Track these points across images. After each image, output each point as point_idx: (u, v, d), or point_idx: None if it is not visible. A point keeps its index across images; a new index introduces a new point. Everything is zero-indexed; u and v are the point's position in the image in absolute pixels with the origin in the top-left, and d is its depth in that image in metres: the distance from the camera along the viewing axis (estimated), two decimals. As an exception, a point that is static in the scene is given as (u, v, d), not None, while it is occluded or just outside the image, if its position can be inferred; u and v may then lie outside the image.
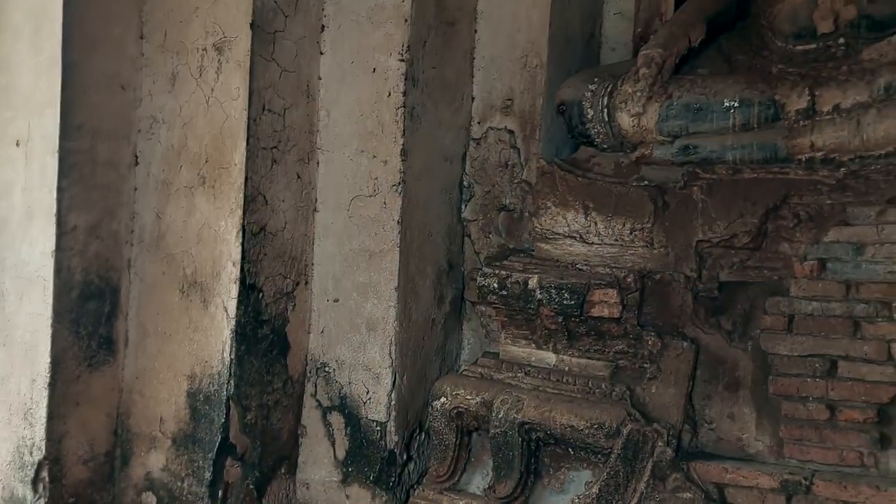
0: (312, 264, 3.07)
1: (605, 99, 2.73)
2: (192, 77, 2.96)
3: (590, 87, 2.81)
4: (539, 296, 2.60)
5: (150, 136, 3.04)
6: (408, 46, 2.94)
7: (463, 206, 3.25)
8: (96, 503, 2.84)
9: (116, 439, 2.94)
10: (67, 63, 2.86)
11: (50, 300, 2.82)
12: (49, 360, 2.75)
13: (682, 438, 2.51)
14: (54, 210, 2.84)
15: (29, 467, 2.74)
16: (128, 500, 2.86)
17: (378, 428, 2.90)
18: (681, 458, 2.46)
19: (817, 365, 2.45)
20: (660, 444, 2.39)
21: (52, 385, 2.74)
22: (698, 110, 2.58)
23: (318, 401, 3.01)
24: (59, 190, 2.84)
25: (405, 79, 2.94)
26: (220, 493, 2.73)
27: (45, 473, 2.70)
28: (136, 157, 3.07)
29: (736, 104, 2.53)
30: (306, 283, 3.06)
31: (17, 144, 2.97)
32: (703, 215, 2.59)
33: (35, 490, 2.70)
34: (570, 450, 2.57)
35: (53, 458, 2.71)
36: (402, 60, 2.94)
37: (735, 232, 2.56)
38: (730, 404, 2.55)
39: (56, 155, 2.84)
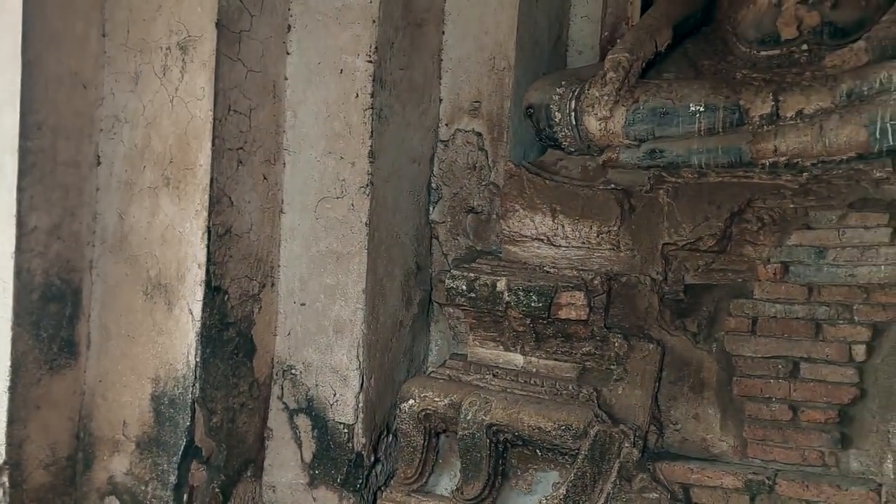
0: (279, 266, 3.05)
1: (573, 102, 2.75)
2: (155, 76, 2.92)
3: (557, 90, 2.83)
4: (507, 298, 2.61)
5: (112, 135, 3.00)
6: (375, 47, 2.93)
7: (431, 208, 3.25)
8: (58, 508, 2.80)
9: (79, 443, 2.89)
10: (26, 60, 2.80)
11: (10, 302, 2.76)
12: (9, 363, 2.69)
13: (649, 439, 2.56)
14: (14, 210, 2.78)
15: (-12, 473, 2.68)
16: (90, 505, 2.82)
17: (345, 430, 2.89)
18: (647, 459, 2.49)
19: (780, 366, 2.50)
20: (626, 445, 2.42)
21: (12, 389, 2.68)
22: (664, 114, 2.61)
23: (284, 403, 2.99)
24: (20, 190, 2.78)
25: (373, 80, 2.93)
26: (184, 496, 2.70)
27: (4, 478, 2.65)
28: (99, 156, 3.01)
29: (701, 109, 2.57)
30: (272, 284, 3.04)
31: (-26, 143, 2.90)
32: (668, 218, 2.63)
33: (-6, 496, 2.65)
34: (537, 451, 2.59)
35: (13, 463, 2.66)
36: (370, 61, 2.93)
37: (700, 235, 2.60)
38: (695, 405, 2.60)
39: (15, 154, 2.78)
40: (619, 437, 2.44)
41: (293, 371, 2.99)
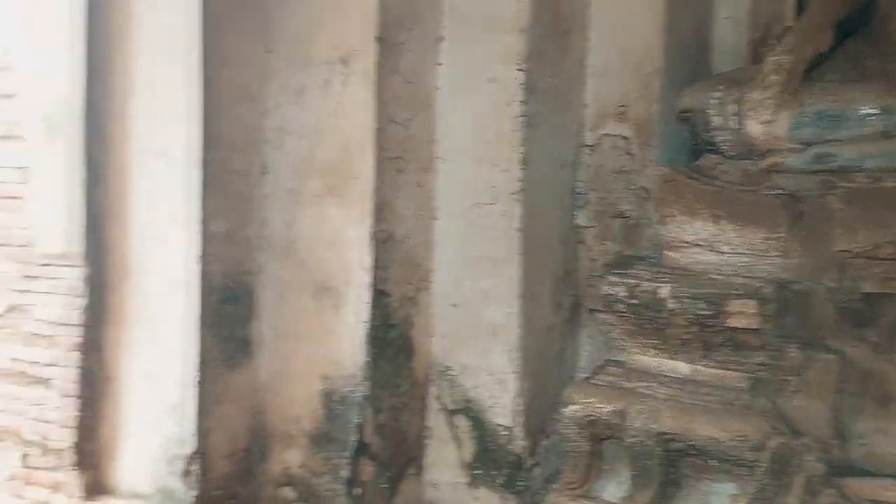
0: (433, 270, 3.17)
1: (733, 107, 2.74)
2: (318, 89, 3.09)
3: (714, 93, 2.82)
4: (671, 305, 2.62)
5: (278, 146, 3.19)
6: (526, 56, 3.00)
7: (576, 213, 3.28)
8: (239, 496, 3.02)
9: (254, 436, 3.11)
10: (205, 78, 3.03)
11: (194, 303, 3.00)
12: (197, 360, 2.93)
13: (832, 454, 2.48)
14: (198, 218, 3.01)
15: (178, 461, 2.93)
16: (267, 494, 3.04)
17: (504, 432, 2.98)
18: (832, 474, 2.42)
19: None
20: (809, 458, 2.38)
21: (200, 383, 2.92)
22: (833, 118, 2.56)
23: (442, 404, 3.11)
24: (202, 199, 3.02)
25: (524, 88, 3.00)
26: (355, 490, 2.87)
27: (195, 467, 2.89)
28: (265, 166, 3.21)
29: (876, 111, 2.51)
30: (427, 288, 3.16)
31: (161, 156, 3.16)
32: (842, 224, 2.56)
33: (185, 482, 2.89)
34: (710, 461, 2.57)
35: (202, 453, 2.90)
36: (521, 70, 3.00)
37: (877, 242, 2.51)
38: (881, 419, 2.48)
39: (199, 166, 3.02)
40: (802, 450, 2.39)
41: (450, 372, 3.10)
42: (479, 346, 3.04)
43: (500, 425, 3.00)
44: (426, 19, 3.12)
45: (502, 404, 2.99)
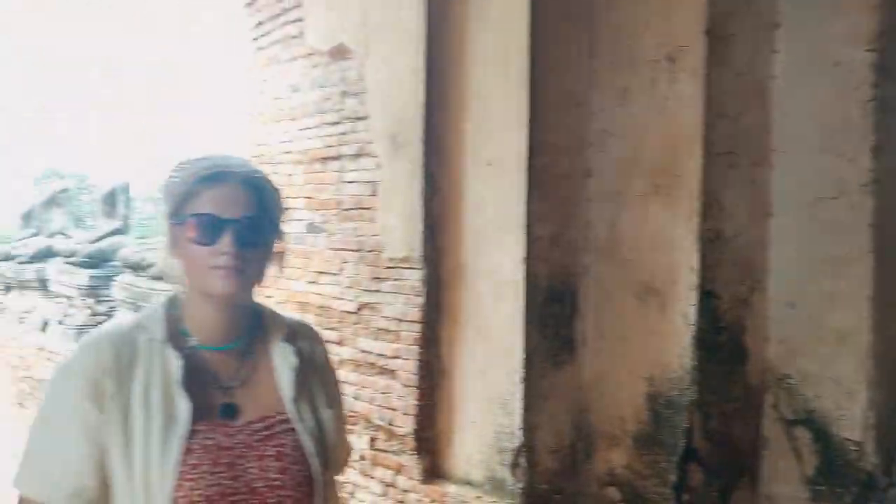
0: (768, 270, 2.96)
1: None
2: (643, 89, 3.06)
3: None
4: None
5: (601, 148, 3.21)
6: (877, 34, 2.70)
7: (944, 206, 2.88)
8: (564, 492, 3.07)
9: (578, 434, 3.14)
10: (532, 87, 3.15)
11: (521, 302, 3.12)
12: (523, 356, 3.04)
13: None
14: (523, 222, 3.14)
15: (506, 453, 3.06)
16: (592, 492, 3.05)
17: (853, 447, 2.69)
18: None
19: None
20: None
21: (526, 379, 3.02)
22: None
23: (780, 413, 2.89)
24: (527, 203, 3.14)
25: (875, 70, 2.71)
26: (684, 496, 2.77)
27: (522, 460, 3.00)
28: (589, 168, 3.25)
29: None
30: (762, 289, 2.97)
31: (490, 164, 3.34)
32: None
33: (513, 474, 3.01)
34: None
35: (528, 447, 3.00)
36: (871, 50, 2.71)
37: None
38: None
39: (524, 171, 3.14)
40: None
41: (788, 380, 2.87)
42: (822, 353, 2.78)
43: (847, 440, 2.70)
44: (760, 6, 2.95)
45: (850, 417, 2.69)
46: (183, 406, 1.31)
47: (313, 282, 4.38)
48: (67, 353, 1.40)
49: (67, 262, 8.51)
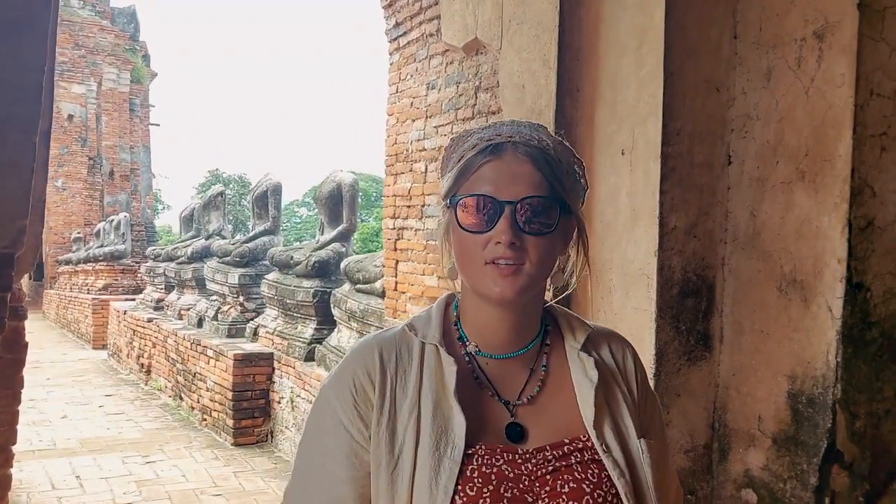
0: (933, 261, 2.72)
1: None
2: (789, 69, 2.89)
3: None
4: None
5: (743, 134, 3.05)
6: None
7: None
8: (697, 493, 2.93)
9: (714, 433, 2.99)
10: (668, 72, 3.04)
11: (653, 296, 3.01)
12: (654, 352, 2.93)
13: None
14: (657, 212, 3.03)
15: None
16: (727, 494, 2.89)
17: None
18: None
19: None
20: None
21: (657, 376, 2.91)
22: None
23: (939, 416, 2.65)
24: (661, 193, 3.03)
25: None
26: (826, 500, 2.58)
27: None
28: (730, 156, 3.10)
29: None
30: (916, 281, 2.72)
31: (623, 153, 3.26)
32: None
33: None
34: None
35: (659, 443, 2.88)
36: None
37: None
38: None
39: (658, 160, 3.04)
40: None
41: (951, 380, 2.63)
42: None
43: None
44: (921, -25, 2.73)
45: None
46: (458, 421, 1.09)
47: (444, 277, 4.42)
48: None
49: (221, 262, 9.03)
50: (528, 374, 1.17)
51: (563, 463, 1.10)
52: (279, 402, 7.03)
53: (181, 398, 8.63)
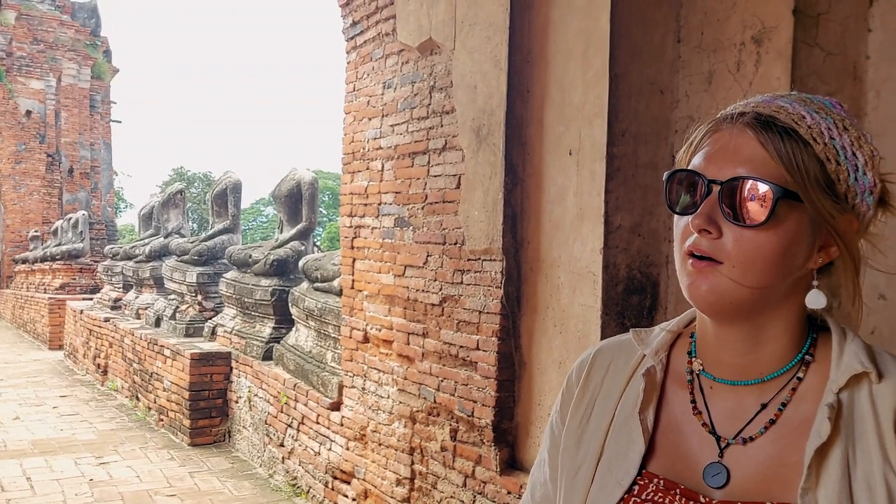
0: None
1: None
2: (728, 73, 2.97)
3: None
4: None
5: (687, 135, 3.12)
6: (982, 7, 2.53)
7: None
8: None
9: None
10: (613, 75, 3.11)
11: (599, 293, 3.08)
12: (598, 346, 2.98)
13: None
14: (602, 211, 3.10)
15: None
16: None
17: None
18: None
19: None
20: None
21: (601, 369, 2.96)
22: None
23: None
24: (607, 192, 3.09)
25: (980, 45, 2.54)
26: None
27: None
28: (674, 156, 3.17)
29: None
30: (854, 281, 2.81)
31: (570, 153, 3.32)
32: None
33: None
34: None
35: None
36: (975, 24, 2.54)
37: None
38: None
39: (603, 161, 3.10)
40: None
41: None
42: (916, 346, 2.61)
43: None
44: (853, -17, 2.82)
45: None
46: (636, 444, 0.95)
47: (401, 275, 4.45)
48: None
49: (180, 261, 8.96)
50: (758, 410, 0.92)
51: None
52: (237, 402, 7.01)
53: (138, 398, 8.55)
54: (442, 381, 4.02)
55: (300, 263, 6.62)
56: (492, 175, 3.69)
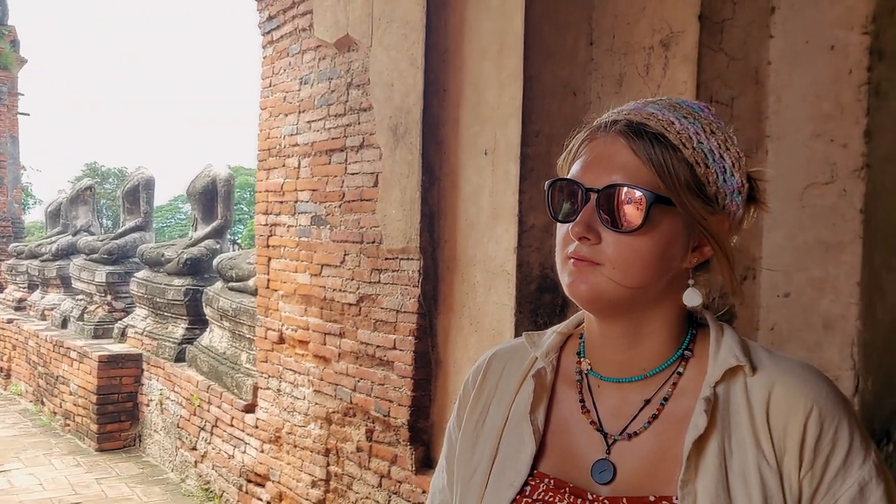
0: (760, 258, 2.92)
1: None
2: (638, 76, 3.04)
3: None
4: None
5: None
6: (873, 17, 2.66)
7: (943, 194, 2.82)
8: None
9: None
10: (527, 76, 3.15)
11: (513, 292, 3.11)
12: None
13: None
14: (516, 211, 3.13)
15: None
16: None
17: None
18: None
19: None
20: None
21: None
22: None
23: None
24: (520, 192, 3.13)
25: (869, 53, 2.66)
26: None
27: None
28: (585, 158, 3.22)
29: None
30: (753, 277, 2.92)
31: (485, 153, 3.34)
32: None
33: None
34: None
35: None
36: (866, 33, 2.67)
37: None
38: None
39: (517, 161, 3.13)
40: None
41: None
42: (809, 340, 2.73)
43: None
44: (757, -9, 2.93)
45: (837, 405, 2.63)
46: (527, 446, 0.96)
47: (317, 274, 4.40)
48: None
49: (88, 259, 8.65)
50: (642, 406, 0.94)
51: None
52: (147, 405, 6.80)
53: (42, 403, 8.21)
54: (358, 381, 3.99)
55: (214, 262, 6.48)
56: (409, 174, 3.69)
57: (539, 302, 3.18)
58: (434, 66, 3.61)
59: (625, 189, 0.88)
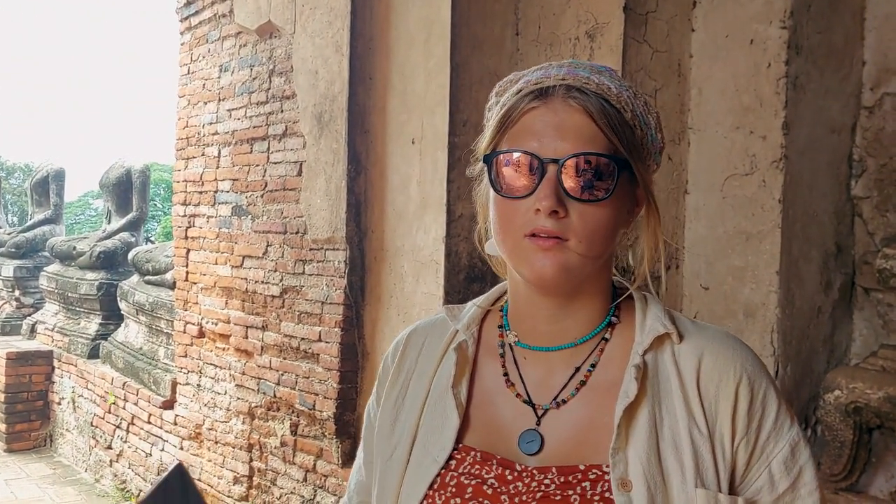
0: (683, 248, 2.98)
1: None
2: (564, 67, 3.06)
3: None
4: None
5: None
6: (790, 12, 2.74)
7: (853, 182, 2.94)
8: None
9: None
10: (454, 64, 3.12)
11: (441, 281, 3.09)
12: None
13: None
14: (444, 200, 3.11)
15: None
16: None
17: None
18: None
19: None
20: None
21: (443, 357, 2.98)
22: None
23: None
24: (448, 182, 3.11)
25: (787, 47, 2.74)
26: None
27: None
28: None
29: None
30: (677, 267, 2.98)
31: (413, 142, 3.31)
32: None
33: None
34: None
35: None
36: (784, 27, 2.74)
37: None
38: None
39: (445, 150, 3.11)
40: None
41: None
42: (731, 327, 2.80)
43: (754, 412, 2.72)
44: (678, -15, 2.98)
45: (758, 389, 2.71)
46: (451, 419, 0.93)
47: (238, 266, 4.29)
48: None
49: (-6, 253, 8.25)
50: (572, 374, 0.92)
51: (561, 492, 0.85)
52: (59, 404, 6.53)
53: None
54: (282, 374, 3.91)
55: (130, 255, 6.26)
56: (335, 162, 3.62)
57: (468, 291, 3.17)
58: (360, 53, 3.56)
59: (593, 157, 0.84)
